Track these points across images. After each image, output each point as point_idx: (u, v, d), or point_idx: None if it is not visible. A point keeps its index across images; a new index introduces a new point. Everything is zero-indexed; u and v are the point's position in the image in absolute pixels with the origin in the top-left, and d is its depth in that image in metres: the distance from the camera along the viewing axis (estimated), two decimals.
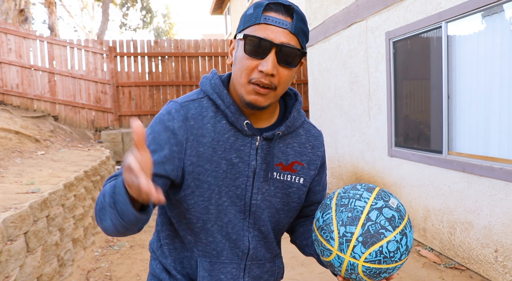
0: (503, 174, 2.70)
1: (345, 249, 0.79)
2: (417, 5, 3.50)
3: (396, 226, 0.80)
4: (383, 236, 0.78)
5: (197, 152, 0.89)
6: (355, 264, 0.79)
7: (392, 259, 0.79)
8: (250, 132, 0.91)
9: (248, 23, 0.86)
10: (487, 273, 2.92)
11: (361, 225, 0.79)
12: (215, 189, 0.91)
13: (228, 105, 0.91)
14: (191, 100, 0.93)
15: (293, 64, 0.85)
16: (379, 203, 0.82)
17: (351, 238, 0.79)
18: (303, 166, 0.99)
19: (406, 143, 3.89)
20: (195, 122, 0.90)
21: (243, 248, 0.96)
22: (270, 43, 0.82)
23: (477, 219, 2.98)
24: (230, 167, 0.91)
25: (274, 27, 0.83)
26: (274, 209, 0.98)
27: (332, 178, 5.65)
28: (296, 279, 3.03)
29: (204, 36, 27.75)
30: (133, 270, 3.19)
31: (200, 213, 0.92)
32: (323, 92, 5.77)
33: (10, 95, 7.18)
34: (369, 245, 0.78)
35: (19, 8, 8.89)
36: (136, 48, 7.99)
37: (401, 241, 0.80)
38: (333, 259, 0.82)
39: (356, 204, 0.82)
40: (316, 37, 5.80)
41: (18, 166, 3.94)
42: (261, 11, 0.84)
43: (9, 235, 2.27)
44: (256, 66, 0.84)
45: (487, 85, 2.90)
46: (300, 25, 0.85)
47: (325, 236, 0.83)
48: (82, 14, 24.46)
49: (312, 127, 1.05)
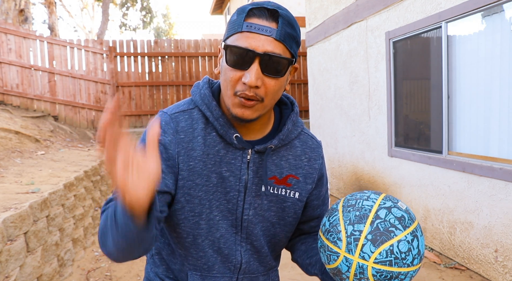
0: (503, 174, 2.70)
1: (354, 249, 0.74)
2: (417, 5, 3.50)
3: (406, 226, 0.75)
4: (393, 234, 0.73)
5: (188, 167, 0.86)
6: (365, 266, 0.73)
7: (404, 262, 0.73)
8: (240, 146, 0.87)
9: (231, 31, 0.80)
10: (487, 273, 2.92)
11: (370, 223, 0.74)
12: (205, 204, 0.87)
13: (217, 118, 0.87)
14: (181, 111, 0.89)
15: (280, 73, 0.79)
16: (387, 203, 0.78)
17: (360, 237, 0.74)
18: (298, 180, 0.94)
19: (406, 143, 3.89)
20: (186, 135, 0.87)
21: (235, 263, 0.93)
22: (253, 52, 0.76)
23: (477, 219, 2.98)
24: (220, 181, 0.88)
25: (257, 35, 0.76)
26: (268, 223, 0.94)
27: (332, 178, 5.65)
28: (296, 279, 3.03)
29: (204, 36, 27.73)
30: (133, 270, 3.19)
31: (191, 228, 0.89)
32: (323, 92, 5.77)
33: (10, 95, 7.18)
34: (379, 244, 0.73)
35: (19, 8, 8.89)
36: (136, 48, 7.99)
37: (412, 243, 0.74)
38: (341, 263, 0.76)
39: (364, 203, 0.78)
40: (316, 37, 5.80)
41: (18, 166, 3.94)
42: (243, 17, 0.78)
43: (9, 235, 2.27)
44: (239, 78, 0.78)
45: (487, 85, 2.90)
46: (287, 30, 0.78)
47: (332, 238, 0.78)
48: (82, 14, 24.47)
49: (310, 138, 0.99)
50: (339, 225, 0.78)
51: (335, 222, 0.79)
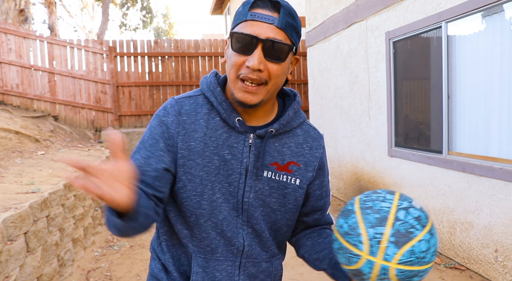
0: (503, 174, 2.70)
1: (376, 251, 0.75)
2: (417, 5, 3.50)
3: (424, 225, 0.77)
4: (413, 235, 0.75)
5: (188, 146, 0.91)
6: (387, 268, 0.74)
7: (423, 260, 0.76)
8: (242, 129, 0.92)
9: (237, 21, 0.87)
10: (487, 273, 2.92)
11: (391, 225, 0.75)
12: (207, 185, 0.91)
13: (221, 102, 0.92)
14: (187, 97, 0.96)
15: (281, 58, 0.85)
16: (404, 204, 0.79)
17: (382, 239, 0.75)
18: (299, 167, 0.98)
19: (406, 143, 3.89)
20: (188, 117, 0.93)
21: (238, 246, 0.96)
22: (256, 38, 0.82)
23: (477, 219, 2.98)
24: (222, 163, 0.92)
25: (260, 23, 0.83)
26: (269, 209, 0.97)
27: (332, 178, 5.66)
28: (296, 279, 3.03)
29: (204, 36, 27.74)
30: (133, 270, 3.19)
31: (193, 207, 0.92)
32: (323, 92, 5.77)
33: (10, 95, 7.18)
34: (401, 245, 0.74)
35: (19, 8, 8.89)
36: (136, 48, 7.99)
37: (430, 241, 0.77)
38: (363, 265, 0.76)
39: (381, 205, 0.79)
40: (316, 37, 5.80)
41: (18, 166, 3.94)
42: (248, 8, 0.85)
43: (9, 235, 2.27)
44: (243, 62, 0.84)
45: (487, 85, 2.90)
46: (287, 19, 0.84)
47: (352, 241, 0.78)
48: (82, 14, 24.48)
49: (312, 129, 1.04)
50: (358, 228, 0.78)
51: (354, 225, 0.79)
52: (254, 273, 1.00)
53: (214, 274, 0.96)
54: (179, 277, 0.99)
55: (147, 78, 8.08)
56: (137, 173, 0.86)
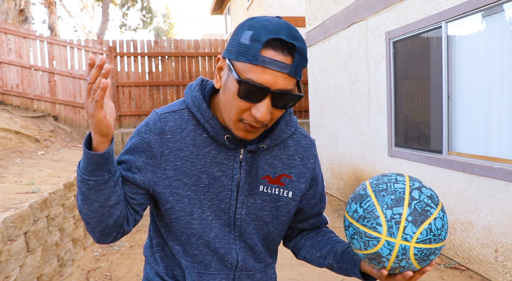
0: (503, 174, 2.70)
1: (396, 232, 0.75)
2: (417, 5, 3.50)
3: (437, 203, 0.79)
4: (429, 213, 0.76)
5: (174, 166, 0.87)
6: (407, 247, 0.75)
7: (439, 238, 0.77)
8: (232, 146, 0.88)
9: (242, 56, 0.76)
10: (487, 273, 2.92)
11: (408, 205, 0.76)
12: (196, 203, 0.89)
13: (208, 120, 0.87)
14: (172, 112, 0.90)
15: (287, 107, 0.81)
16: (416, 184, 0.81)
17: (400, 219, 0.75)
18: (291, 179, 0.95)
19: (406, 143, 3.89)
20: (173, 135, 0.88)
21: (231, 261, 0.94)
22: (267, 90, 0.75)
23: (477, 219, 2.98)
24: (212, 181, 0.89)
25: (271, 71, 0.75)
26: (262, 222, 0.95)
27: (332, 178, 5.65)
28: (296, 279, 3.03)
29: (204, 36, 27.75)
30: (133, 270, 3.19)
31: (183, 227, 0.91)
32: (323, 92, 5.77)
33: (10, 95, 7.18)
34: (419, 224, 0.75)
35: (19, 8, 8.89)
36: (136, 48, 7.99)
37: (443, 218, 0.78)
38: (382, 247, 0.76)
39: (396, 186, 0.80)
40: (316, 37, 5.80)
41: (18, 166, 3.94)
42: (259, 48, 0.74)
43: (9, 235, 2.27)
44: (248, 108, 0.79)
45: (487, 85, 2.90)
46: (301, 63, 0.78)
47: (370, 224, 0.78)
48: (82, 14, 24.48)
49: (303, 137, 1.00)
50: (376, 210, 0.78)
51: (370, 208, 0.79)
52: None
53: None
54: None
55: (147, 78, 8.09)
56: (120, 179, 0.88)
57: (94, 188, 0.79)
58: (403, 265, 0.78)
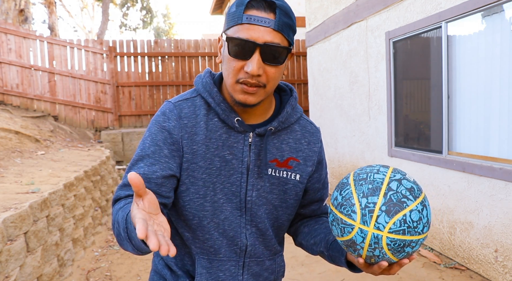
0: (503, 174, 2.70)
1: (368, 220, 0.77)
2: (417, 5, 3.50)
3: (416, 196, 0.79)
4: (405, 204, 0.77)
5: (192, 150, 0.91)
6: (379, 236, 0.76)
7: (415, 230, 0.77)
8: (241, 129, 0.92)
9: (231, 22, 0.85)
10: (487, 273, 2.92)
11: (383, 195, 0.77)
12: (209, 186, 0.92)
13: (219, 103, 0.92)
14: (185, 99, 0.95)
15: (279, 61, 0.85)
16: (397, 176, 0.81)
17: (374, 208, 0.77)
18: (299, 163, 0.99)
19: (406, 143, 3.89)
20: (189, 121, 0.92)
21: (240, 245, 0.96)
22: (254, 43, 0.81)
23: (477, 219, 2.98)
24: (223, 164, 0.92)
25: (257, 27, 0.81)
26: (271, 206, 0.98)
27: (332, 178, 5.65)
28: (296, 279, 3.03)
29: (204, 36, 27.72)
30: (133, 270, 3.19)
31: (196, 210, 0.93)
32: (323, 92, 5.77)
33: (10, 95, 7.18)
34: (393, 214, 0.76)
35: (19, 8, 8.89)
36: (136, 48, 7.99)
37: (422, 212, 0.78)
38: (355, 234, 0.78)
39: (375, 177, 0.81)
40: (316, 37, 5.80)
41: (18, 166, 3.94)
42: (242, 9, 0.82)
43: (9, 235, 2.27)
44: (242, 67, 0.84)
45: (487, 85, 2.90)
46: (284, 20, 0.83)
47: (346, 211, 0.80)
48: (82, 14, 24.47)
49: (309, 123, 1.04)
50: (352, 198, 0.80)
51: (348, 196, 0.81)
52: (258, 271, 1.01)
53: (217, 274, 0.97)
54: (183, 275, 0.99)
55: (147, 78, 8.09)
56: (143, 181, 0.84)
57: None
58: (377, 255, 0.78)
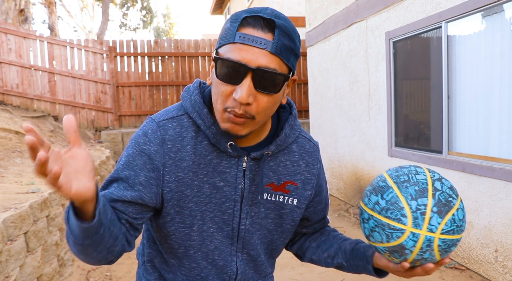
0: (503, 174, 2.70)
1: (421, 223, 0.74)
2: (417, 5, 3.50)
3: (457, 194, 0.78)
4: (452, 204, 0.76)
5: (176, 177, 0.81)
6: (432, 238, 0.74)
7: (461, 229, 0.76)
8: (235, 153, 0.82)
9: (223, 40, 0.73)
10: (487, 273, 2.92)
11: (432, 196, 0.75)
12: (197, 215, 0.84)
13: (209, 126, 0.81)
14: (170, 118, 0.83)
15: (274, 90, 0.73)
16: (436, 175, 0.79)
17: (426, 210, 0.74)
18: (296, 186, 0.91)
19: (406, 143, 3.89)
20: (173, 145, 0.81)
21: (230, 274, 0.90)
22: (245, 67, 0.70)
23: (477, 219, 2.98)
24: (214, 191, 0.83)
25: (251, 48, 0.70)
26: (266, 230, 0.91)
27: (332, 178, 5.66)
28: (296, 279, 3.03)
29: (204, 36, 27.72)
30: (133, 270, 3.19)
31: (182, 240, 0.86)
32: (323, 92, 5.78)
33: (10, 95, 7.18)
34: (444, 214, 0.74)
35: (19, 8, 8.89)
36: (136, 48, 7.99)
37: (464, 209, 0.78)
38: (406, 239, 0.74)
39: (417, 177, 0.78)
40: (316, 37, 5.80)
41: (18, 166, 3.94)
42: (236, 26, 0.71)
43: (9, 235, 2.27)
44: (231, 93, 0.73)
45: (487, 85, 2.90)
46: (284, 42, 0.71)
47: (394, 216, 0.76)
48: (82, 14, 24.47)
49: (307, 141, 0.95)
50: (399, 201, 0.76)
51: (393, 199, 0.77)
52: None
53: None
54: None
55: (147, 78, 8.09)
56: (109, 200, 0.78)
57: (91, 245, 0.70)
58: (426, 257, 0.76)
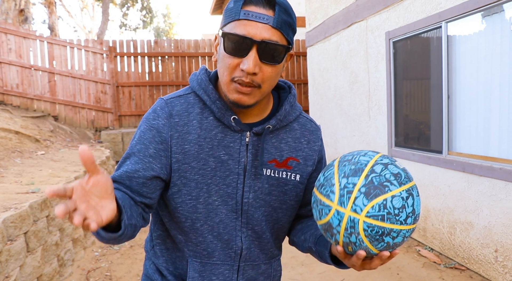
0: (503, 174, 2.70)
1: (346, 201, 0.72)
2: (417, 5, 3.50)
3: (402, 183, 0.73)
4: (387, 189, 0.71)
5: (183, 150, 0.87)
6: (356, 220, 0.71)
7: (396, 218, 0.71)
8: (238, 128, 0.88)
9: (228, 18, 0.81)
10: (487, 273, 2.92)
11: (365, 176, 0.72)
12: (203, 188, 0.88)
13: (214, 101, 0.88)
14: (177, 96, 0.92)
15: (277, 60, 0.81)
16: (384, 160, 0.76)
17: (353, 189, 0.72)
18: (298, 162, 0.95)
19: (406, 143, 3.89)
20: (180, 119, 0.88)
21: (235, 249, 0.93)
22: (251, 40, 0.78)
23: (477, 219, 2.98)
24: (219, 165, 0.88)
25: (254, 23, 0.78)
26: (270, 208, 0.94)
27: None
28: (296, 279, 3.02)
29: (204, 36, 27.69)
30: (133, 270, 3.18)
31: (188, 212, 0.89)
32: (323, 92, 5.78)
33: (10, 95, 7.18)
34: (372, 197, 0.70)
35: (19, 8, 8.89)
36: (136, 48, 7.99)
37: (407, 200, 0.72)
38: (332, 216, 0.73)
39: (360, 158, 0.76)
40: (316, 37, 5.80)
41: (18, 166, 3.94)
42: (240, 5, 0.79)
43: (9, 235, 2.27)
44: (237, 65, 0.80)
45: (487, 85, 2.90)
46: (283, 17, 0.80)
47: (325, 192, 0.76)
48: (82, 14, 24.45)
49: (308, 121, 1.01)
50: (333, 178, 0.76)
51: (329, 176, 0.77)
52: (253, 275, 0.98)
53: (210, 278, 0.93)
54: (174, 280, 0.97)
55: (147, 78, 8.09)
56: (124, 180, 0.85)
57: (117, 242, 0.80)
58: (354, 241, 0.73)
